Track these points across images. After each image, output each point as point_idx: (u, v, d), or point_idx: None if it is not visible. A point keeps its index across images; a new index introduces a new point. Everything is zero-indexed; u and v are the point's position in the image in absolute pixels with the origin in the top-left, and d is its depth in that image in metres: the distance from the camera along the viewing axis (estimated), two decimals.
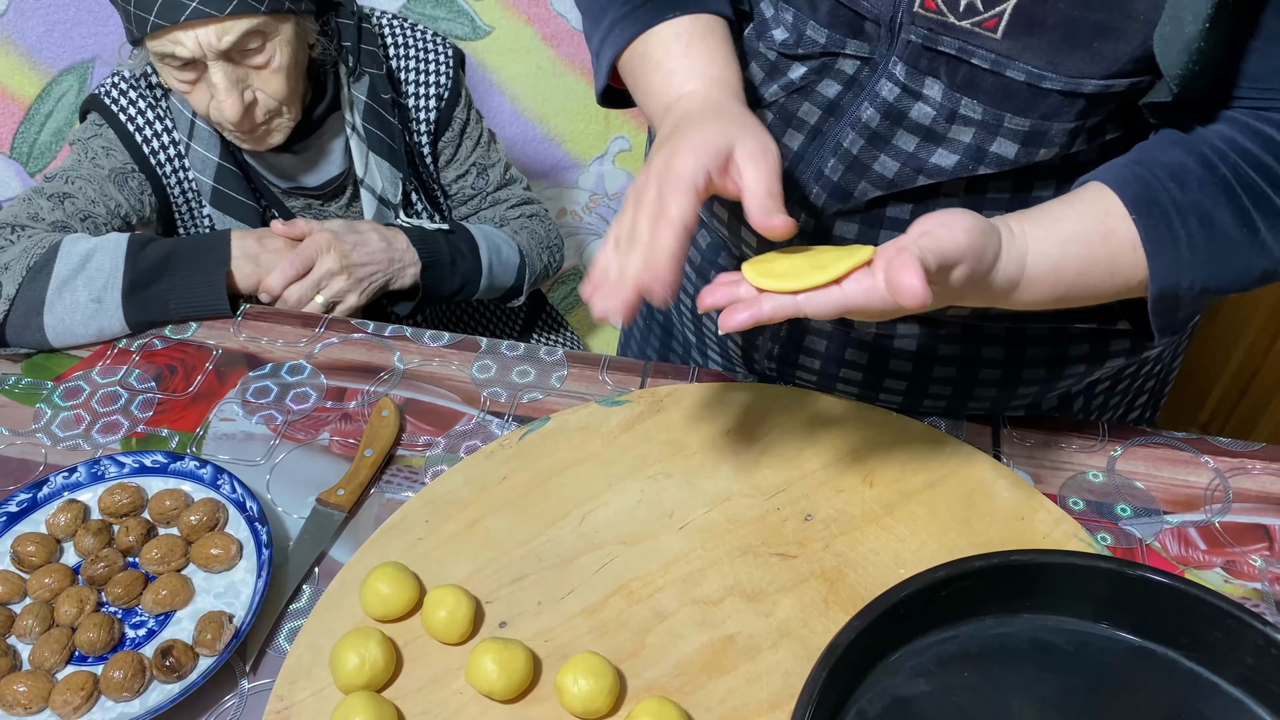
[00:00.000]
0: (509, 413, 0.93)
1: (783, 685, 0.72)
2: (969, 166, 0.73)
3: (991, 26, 0.65)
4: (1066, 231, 0.66)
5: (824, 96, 0.76)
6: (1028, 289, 0.66)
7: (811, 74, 0.76)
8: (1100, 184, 0.67)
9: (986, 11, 0.64)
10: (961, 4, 0.65)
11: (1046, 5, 0.63)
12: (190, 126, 1.19)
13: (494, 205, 1.43)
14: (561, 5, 1.78)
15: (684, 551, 0.80)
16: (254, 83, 1.10)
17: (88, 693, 0.71)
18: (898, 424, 0.89)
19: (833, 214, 0.80)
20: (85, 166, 1.15)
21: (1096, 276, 0.67)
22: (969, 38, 0.67)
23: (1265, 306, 1.56)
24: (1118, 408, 0.99)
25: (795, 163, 0.79)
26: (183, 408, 0.94)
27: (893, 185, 0.75)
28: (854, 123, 0.75)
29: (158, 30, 1.02)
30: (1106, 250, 0.66)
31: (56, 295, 0.98)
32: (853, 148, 0.76)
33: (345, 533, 0.84)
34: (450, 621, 0.73)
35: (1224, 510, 0.84)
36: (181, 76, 1.09)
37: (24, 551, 0.79)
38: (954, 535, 0.80)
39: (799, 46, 0.75)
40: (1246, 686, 0.68)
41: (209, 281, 1.03)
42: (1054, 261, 0.66)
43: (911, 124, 0.73)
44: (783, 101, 0.78)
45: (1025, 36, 0.65)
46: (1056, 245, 0.65)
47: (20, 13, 1.62)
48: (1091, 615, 0.72)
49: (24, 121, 1.74)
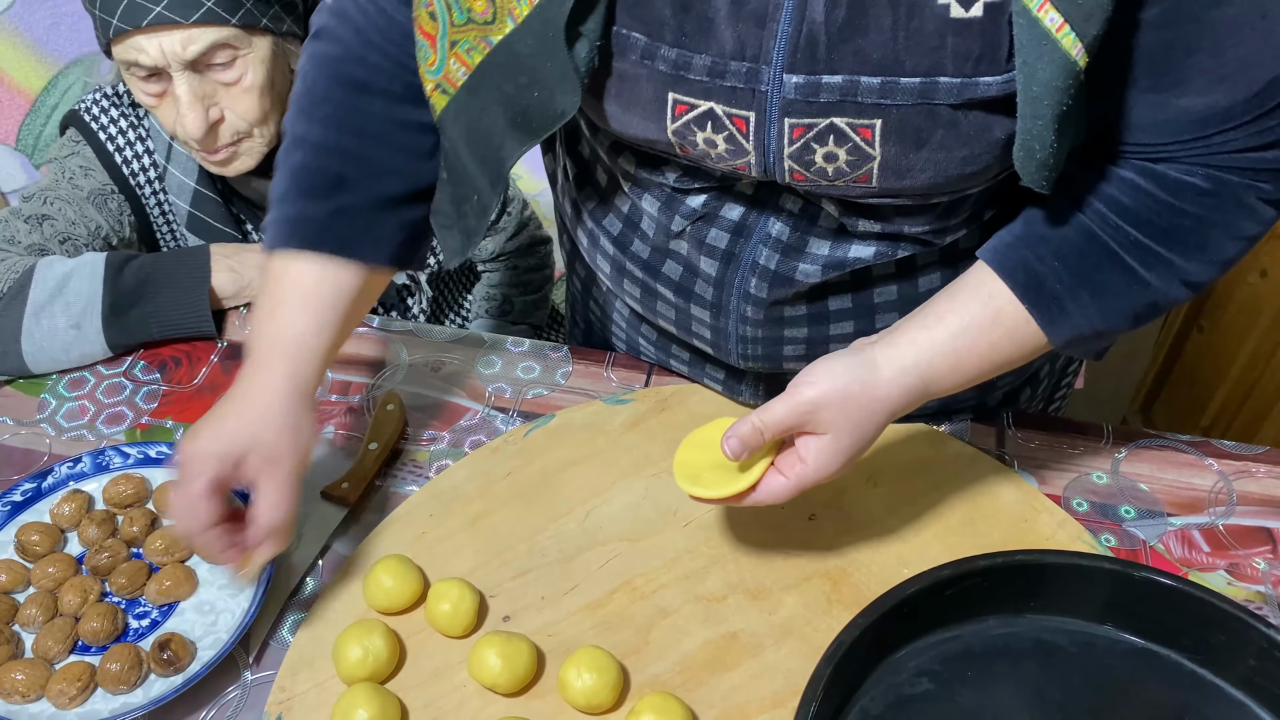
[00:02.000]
0: (514, 408, 0.93)
1: (785, 683, 0.72)
2: (888, 254, 0.74)
3: (864, 181, 0.66)
4: (955, 324, 0.69)
5: (729, 220, 0.76)
6: (936, 387, 0.69)
7: (712, 200, 0.76)
8: (985, 269, 0.69)
9: (854, 172, 0.65)
10: (829, 170, 0.66)
11: (909, 158, 0.64)
12: (168, 149, 1.15)
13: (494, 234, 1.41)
14: None
15: (687, 549, 0.80)
16: (221, 99, 1.04)
17: (84, 683, 0.71)
18: (902, 425, 0.89)
19: (775, 318, 0.79)
20: (64, 187, 1.12)
21: (1000, 353, 0.70)
22: (848, 188, 0.68)
23: (1268, 312, 1.56)
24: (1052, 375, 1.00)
25: (719, 287, 0.78)
26: (187, 399, 0.94)
27: (820, 284, 0.76)
28: (764, 239, 0.75)
29: (120, 35, 0.99)
30: (1001, 330, 0.69)
31: (34, 322, 0.95)
32: (769, 263, 0.76)
33: (349, 526, 0.84)
34: (454, 615, 0.73)
35: (1228, 513, 0.84)
36: (147, 89, 1.03)
37: (28, 541, 0.79)
38: (958, 536, 0.80)
39: (694, 182, 0.75)
40: (1249, 689, 0.68)
41: (191, 300, 0.99)
42: (951, 355, 0.68)
43: (820, 230, 0.74)
44: (689, 230, 0.77)
45: (899, 181, 0.66)
46: (948, 340, 0.68)
47: (27, 5, 1.62)
48: (1095, 616, 0.72)
49: (30, 113, 1.74)
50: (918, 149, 0.63)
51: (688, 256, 0.78)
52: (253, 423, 0.70)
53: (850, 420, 0.67)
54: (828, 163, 0.65)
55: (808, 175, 0.66)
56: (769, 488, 0.69)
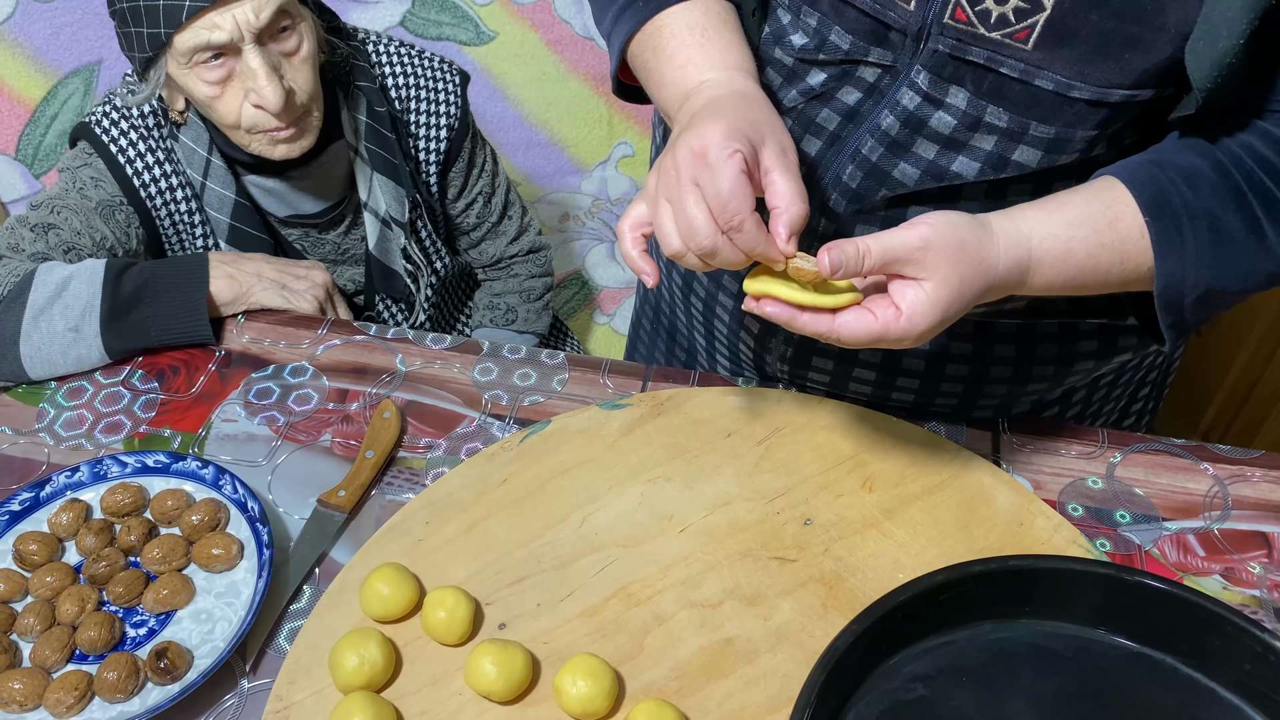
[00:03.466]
0: (510, 415, 0.94)
1: (781, 688, 0.72)
2: (990, 173, 0.73)
3: (1023, 38, 0.65)
4: (1074, 214, 0.67)
5: (844, 103, 0.76)
6: (1038, 272, 0.67)
7: (832, 80, 0.76)
8: (1111, 177, 0.68)
9: (1019, 23, 0.65)
10: (993, 16, 0.65)
11: (1079, 17, 0.63)
12: (205, 165, 1.17)
13: (495, 238, 1.42)
14: (566, 11, 1.79)
15: (683, 555, 0.80)
16: (287, 71, 1.07)
17: (81, 692, 0.71)
18: (898, 429, 0.89)
19: (852, 214, 0.80)
20: (72, 196, 1.13)
21: (1106, 261, 0.67)
22: (998, 48, 0.67)
23: (1266, 316, 1.56)
24: (1120, 400, 1.00)
25: (813, 169, 0.79)
26: (185, 408, 0.95)
27: (912, 191, 0.76)
28: (873, 130, 0.75)
29: (194, 15, 1.00)
30: (1115, 235, 0.66)
31: (32, 325, 0.96)
32: (871, 155, 0.76)
33: (346, 534, 0.84)
34: (450, 622, 0.73)
35: (1223, 517, 0.85)
36: (211, 76, 1.05)
37: (26, 550, 0.80)
38: (953, 541, 0.80)
39: (820, 52, 0.75)
40: (1244, 692, 0.68)
41: (189, 306, 0.99)
42: (1062, 244, 0.66)
43: (931, 132, 0.74)
44: (801, 107, 0.78)
45: (1056, 48, 0.65)
46: (1063, 227, 0.66)
47: (27, 15, 1.63)
48: (1090, 621, 0.72)
49: (29, 124, 1.74)
50: (1091, 7, 0.62)
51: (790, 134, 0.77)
52: (758, 122, 0.66)
53: (957, 273, 0.63)
54: (997, 4, 0.64)
55: (970, 14, 0.66)
56: (852, 321, 0.64)
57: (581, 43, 1.83)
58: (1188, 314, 0.70)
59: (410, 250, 1.30)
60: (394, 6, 1.74)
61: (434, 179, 1.32)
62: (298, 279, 1.12)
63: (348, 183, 1.26)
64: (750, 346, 0.96)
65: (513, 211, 1.42)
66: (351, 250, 1.31)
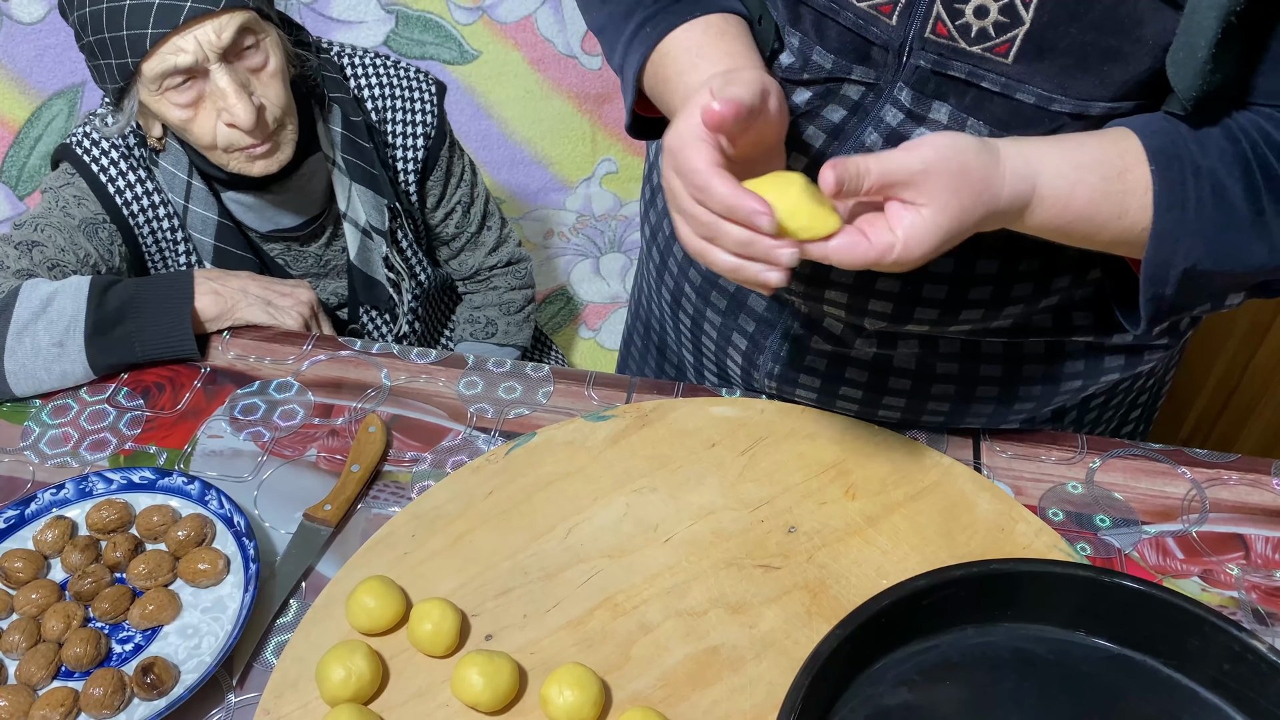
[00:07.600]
0: (495, 428, 0.94)
1: (766, 696, 0.72)
2: None
3: (1003, 52, 0.66)
4: (1085, 158, 0.66)
5: (829, 121, 0.77)
6: (1037, 211, 0.65)
7: (816, 99, 0.77)
8: (1126, 128, 0.67)
9: (999, 37, 0.65)
10: (973, 30, 0.66)
11: (1058, 31, 0.64)
12: (186, 189, 1.18)
13: (474, 249, 1.43)
14: (549, 30, 1.81)
15: (669, 564, 0.81)
16: (256, 88, 1.08)
17: (68, 709, 0.71)
18: (880, 437, 0.90)
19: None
20: (56, 215, 1.13)
21: (1106, 211, 0.66)
22: (979, 62, 0.68)
23: (1242, 323, 1.58)
24: (1110, 421, 1.01)
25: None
26: (171, 425, 0.95)
27: None
28: (858, 147, 0.76)
29: (157, 42, 1.01)
30: (1121, 186, 0.65)
31: (17, 340, 0.96)
32: None
33: (332, 547, 0.84)
34: (436, 634, 0.74)
35: (1201, 520, 0.86)
36: (182, 100, 1.06)
37: (11, 567, 0.80)
38: (935, 547, 0.81)
39: (804, 72, 0.76)
40: (1222, 691, 0.69)
41: (174, 322, 1.00)
42: (1068, 186, 0.65)
43: None
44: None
45: (1036, 61, 0.66)
46: (1073, 169, 0.65)
47: (10, 37, 1.63)
48: (1071, 624, 0.73)
49: (13, 145, 1.75)
50: (1069, 21, 0.62)
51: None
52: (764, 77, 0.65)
53: (959, 199, 0.61)
54: (977, 18, 0.64)
55: (951, 29, 0.66)
56: (847, 243, 0.62)
57: (564, 61, 1.85)
58: (1169, 289, 0.69)
59: (392, 259, 1.31)
60: (378, 26, 1.76)
61: (413, 188, 1.33)
62: (283, 296, 1.12)
63: (327, 195, 1.26)
64: (738, 364, 0.97)
65: (491, 222, 1.43)
66: (333, 262, 1.32)
